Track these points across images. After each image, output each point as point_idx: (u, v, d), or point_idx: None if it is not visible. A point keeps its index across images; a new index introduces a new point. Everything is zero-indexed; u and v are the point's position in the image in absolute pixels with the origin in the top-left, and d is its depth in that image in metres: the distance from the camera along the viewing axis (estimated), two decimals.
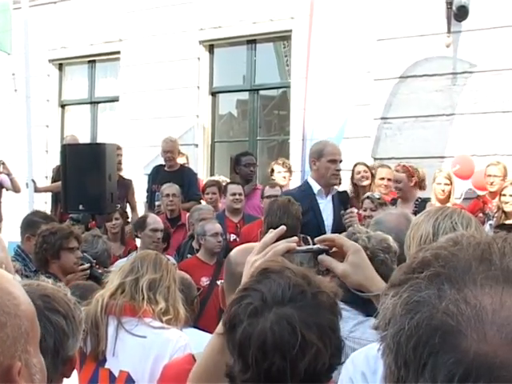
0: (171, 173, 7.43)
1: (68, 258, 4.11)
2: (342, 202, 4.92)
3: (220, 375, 1.59)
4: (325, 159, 4.97)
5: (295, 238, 1.71)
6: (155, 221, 5.84)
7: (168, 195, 6.80)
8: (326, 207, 4.91)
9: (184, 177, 7.37)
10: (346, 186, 6.79)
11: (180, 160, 7.96)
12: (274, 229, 3.30)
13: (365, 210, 5.72)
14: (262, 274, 1.51)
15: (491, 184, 6.28)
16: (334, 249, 1.72)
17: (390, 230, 2.70)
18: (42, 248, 4.10)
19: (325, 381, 1.45)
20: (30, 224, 4.85)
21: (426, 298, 0.71)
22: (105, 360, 2.64)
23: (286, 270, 1.50)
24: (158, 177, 7.55)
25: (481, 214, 6.17)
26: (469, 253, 0.74)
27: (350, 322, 2.39)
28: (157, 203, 7.10)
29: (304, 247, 1.72)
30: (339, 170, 5.02)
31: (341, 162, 4.99)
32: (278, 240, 3.28)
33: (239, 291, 1.50)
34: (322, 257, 1.70)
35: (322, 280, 1.52)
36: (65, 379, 2.15)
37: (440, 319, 0.69)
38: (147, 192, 7.78)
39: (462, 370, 0.66)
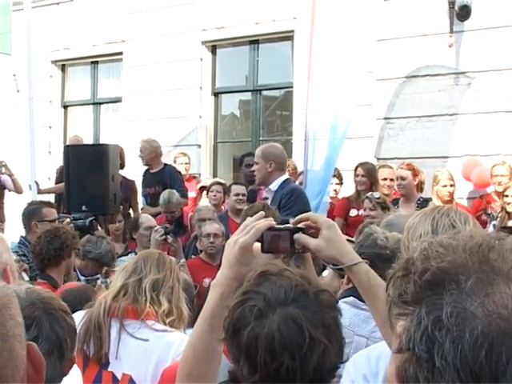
0: (154, 174, 7.58)
1: (74, 257, 4.30)
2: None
3: (210, 357, 1.58)
4: None
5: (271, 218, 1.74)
6: (148, 219, 5.87)
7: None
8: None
9: (165, 176, 7.45)
10: (349, 186, 6.78)
11: (182, 159, 8.00)
12: None
13: (364, 210, 5.74)
14: (261, 276, 1.48)
15: (499, 184, 6.25)
16: (311, 230, 1.73)
17: (402, 232, 2.71)
18: (53, 246, 4.07)
19: (330, 380, 1.45)
20: (32, 212, 5.01)
21: (477, 305, 0.70)
22: (108, 363, 2.63)
23: (286, 271, 1.49)
24: (145, 179, 7.70)
25: (484, 216, 6.14)
26: (484, 254, 0.74)
27: (371, 322, 2.40)
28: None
29: (282, 226, 1.74)
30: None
31: (256, 164, 5.32)
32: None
33: (239, 295, 1.47)
34: (298, 235, 1.71)
35: (319, 280, 1.52)
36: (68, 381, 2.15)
37: (503, 323, 0.69)
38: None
39: None
